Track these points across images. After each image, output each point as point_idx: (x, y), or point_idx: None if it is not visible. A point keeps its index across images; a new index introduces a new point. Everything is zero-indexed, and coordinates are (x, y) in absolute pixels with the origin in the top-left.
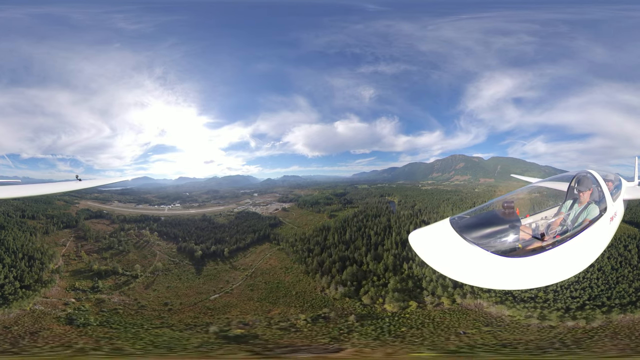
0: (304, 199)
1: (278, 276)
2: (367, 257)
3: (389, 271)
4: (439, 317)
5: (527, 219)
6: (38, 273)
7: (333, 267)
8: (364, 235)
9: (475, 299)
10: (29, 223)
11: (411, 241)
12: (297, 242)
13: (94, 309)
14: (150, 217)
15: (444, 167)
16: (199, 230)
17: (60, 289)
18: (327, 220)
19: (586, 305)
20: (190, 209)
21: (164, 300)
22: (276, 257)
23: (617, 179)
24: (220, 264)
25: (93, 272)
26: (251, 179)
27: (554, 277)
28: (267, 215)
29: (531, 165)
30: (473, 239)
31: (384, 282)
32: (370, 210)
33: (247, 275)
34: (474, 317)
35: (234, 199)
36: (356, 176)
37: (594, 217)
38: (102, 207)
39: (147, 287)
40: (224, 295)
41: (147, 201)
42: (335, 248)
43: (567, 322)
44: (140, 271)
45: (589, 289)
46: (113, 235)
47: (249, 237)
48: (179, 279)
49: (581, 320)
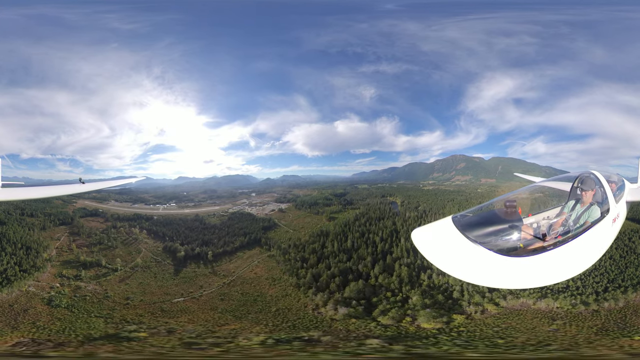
0: (302, 199)
1: (261, 288)
2: (375, 269)
3: (406, 284)
4: (502, 323)
5: (529, 219)
6: (33, 260)
7: (332, 281)
8: (369, 242)
9: (517, 299)
10: (27, 220)
11: (414, 239)
12: (290, 248)
13: (70, 294)
14: (143, 216)
15: (445, 167)
16: (188, 230)
17: (50, 275)
18: (326, 224)
19: (608, 287)
20: (185, 209)
21: (129, 294)
22: (264, 265)
23: (620, 180)
24: (202, 267)
25: (79, 263)
26: (251, 179)
27: (555, 278)
28: (262, 216)
29: (532, 166)
30: (475, 237)
31: (403, 297)
32: (373, 212)
33: (224, 283)
34: (531, 315)
35: (230, 198)
36: (356, 176)
37: (596, 219)
38: (98, 206)
39: (122, 281)
40: (189, 301)
41: (144, 200)
42: (334, 258)
43: (603, 304)
44: (120, 265)
45: (606, 274)
46: (104, 232)
47: (239, 240)
48: (155, 277)
49: (611, 301)
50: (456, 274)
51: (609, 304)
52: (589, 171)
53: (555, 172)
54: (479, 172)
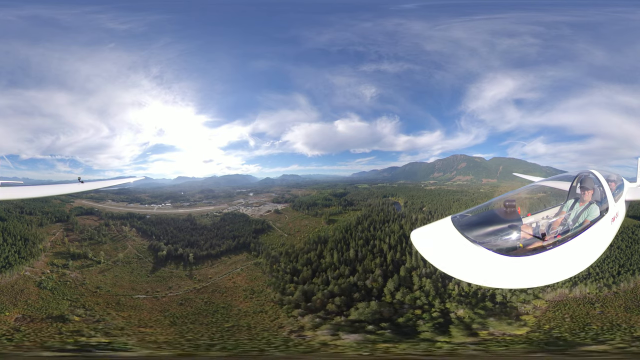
0: (301, 199)
1: (232, 299)
2: (389, 284)
3: (434, 298)
4: (560, 316)
5: (529, 218)
6: (30, 249)
7: (330, 301)
8: (375, 251)
9: (555, 291)
10: (26, 217)
11: (413, 240)
12: (281, 256)
13: (56, 279)
14: (136, 215)
15: (446, 167)
16: (176, 230)
17: (43, 263)
18: (325, 227)
19: (620, 271)
20: (179, 209)
21: (101, 284)
22: (248, 274)
23: (619, 180)
24: (180, 268)
25: (69, 254)
26: (250, 178)
27: (554, 277)
28: (256, 218)
29: (533, 166)
30: (474, 237)
31: (437, 310)
32: (376, 214)
33: (195, 288)
34: (574, 302)
35: (227, 198)
36: (356, 175)
37: (596, 218)
38: (95, 205)
39: (101, 272)
40: (148, 299)
41: (140, 200)
42: (333, 271)
43: (620, 285)
44: (103, 259)
45: (617, 261)
46: (96, 228)
47: (226, 243)
48: (131, 272)
49: (624, 283)
50: (456, 274)
51: (624, 285)
52: (588, 170)
53: (555, 172)
54: (480, 173)
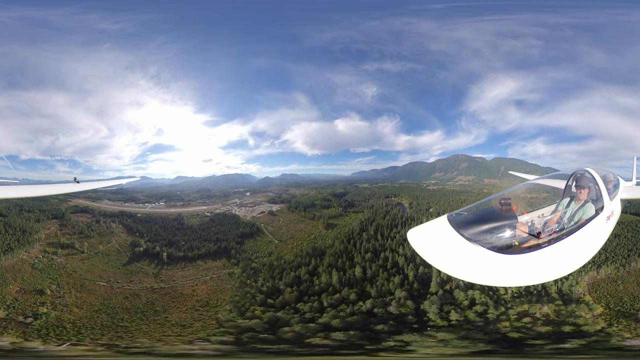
0: (298, 199)
1: (175, 306)
2: (428, 306)
3: (495, 305)
4: (612, 294)
5: (524, 216)
6: (28, 238)
7: (320, 337)
8: (388, 265)
9: (586, 274)
10: (25, 215)
11: (410, 239)
12: (263, 269)
13: (46, 262)
14: (127, 213)
15: (447, 167)
16: (161, 229)
17: (37, 250)
18: (322, 233)
19: (630, 254)
20: (172, 208)
21: (77, 269)
22: (214, 284)
23: (615, 178)
24: (152, 266)
25: (59, 244)
26: (249, 178)
27: (549, 275)
28: (247, 220)
29: (533, 167)
30: (470, 235)
31: (515, 315)
32: (381, 217)
33: (151, 287)
34: (605, 282)
35: (222, 198)
36: (355, 175)
37: (591, 216)
38: (90, 204)
39: (82, 260)
40: (106, 287)
41: (135, 199)
42: (327, 295)
43: (631, 265)
44: (87, 249)
45: (626, 246)
46: (87, 225)
47: (206, 247)
48: (107, 263)
49: (634, 263)
50: (452, 272)
51: (633, 265)
52: (584, 169)
53: None
54: (482, 173)
